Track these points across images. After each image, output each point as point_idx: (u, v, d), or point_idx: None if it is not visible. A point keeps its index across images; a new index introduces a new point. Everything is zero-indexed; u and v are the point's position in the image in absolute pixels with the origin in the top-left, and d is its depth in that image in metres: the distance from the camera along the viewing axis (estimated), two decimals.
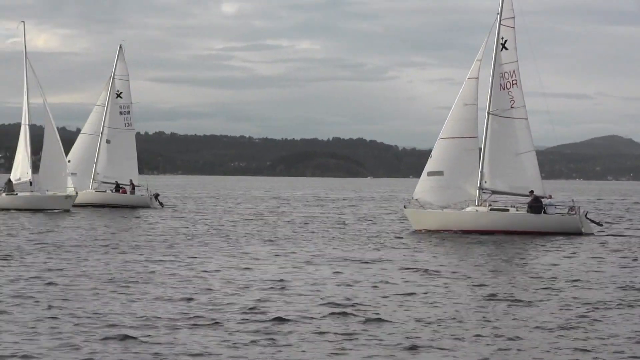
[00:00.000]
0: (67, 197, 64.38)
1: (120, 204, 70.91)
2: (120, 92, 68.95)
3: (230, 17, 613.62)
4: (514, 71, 51.17)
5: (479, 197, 50.47)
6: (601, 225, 51.94)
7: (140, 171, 66.81)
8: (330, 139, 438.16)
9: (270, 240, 43.56)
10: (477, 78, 51.46)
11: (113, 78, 69.71)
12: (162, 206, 73.12)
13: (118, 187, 71.95)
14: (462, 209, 50.68)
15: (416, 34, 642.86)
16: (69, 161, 70.74)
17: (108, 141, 70.26)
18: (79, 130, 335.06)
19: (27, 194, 66.35)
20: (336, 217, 65.51)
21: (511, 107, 51.06)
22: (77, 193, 64.92)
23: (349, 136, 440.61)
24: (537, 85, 57.45)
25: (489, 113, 51.06)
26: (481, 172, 50.60)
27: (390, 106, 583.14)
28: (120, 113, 69.27)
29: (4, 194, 66.46)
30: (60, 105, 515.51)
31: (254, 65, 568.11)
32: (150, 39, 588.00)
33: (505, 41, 51.34)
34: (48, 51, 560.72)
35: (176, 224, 54.69)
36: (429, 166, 51.66)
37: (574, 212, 49.53)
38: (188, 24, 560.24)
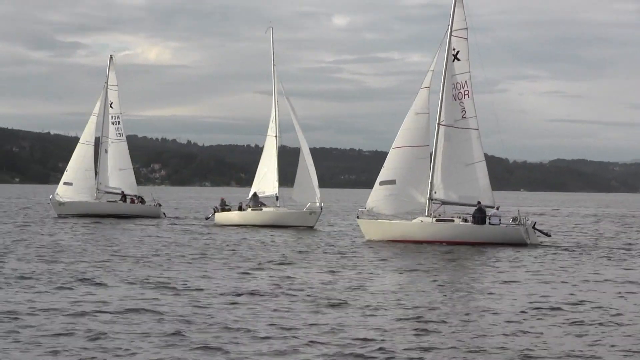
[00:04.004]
0: (312, 213, 62.11)
1: (131, 214, 72.11)
2: (112, 102, 70.44)
3: (341, 29, 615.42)
4: (465, 82, 51.24)
5: (428, 207, 50.70)
6: (549, 235, 51.58)
7: (251, 183, 67.21)
8: None
9: None
10: (428, 88, 51.69)
11: (106, 88, 71.29)
12: (165, 216, 74.51)
13: (125, 197, 73.26)
14: (413, 219, 51.14)
15: (527, 47, 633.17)
16: (66, 171, 72.16)
17: (106, 151, 71.77)
18: (189, 142, 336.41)
19: (272, 209, 64.30)
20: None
21: (462, 117, 51.14)
22: (322, 208, 62.48)
23: None
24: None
25: (439, 124, 51.15)
26: (431, 182, 50.82)
27: (501, 119, 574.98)
28: (112, 123, 70.85)
29: (249, 209, 64.80)
30: (171, 117, 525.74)
31: (364, 78, 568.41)
32: (262, 52, 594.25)
33: (458, 52, 51.39)
34: (160, 64, 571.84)
35: None
36: (382, 175, 52.30)
37: (518, 223, 49.36)
38: (299, 37, 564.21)
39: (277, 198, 64.87)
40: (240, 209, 65.10)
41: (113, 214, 71.26)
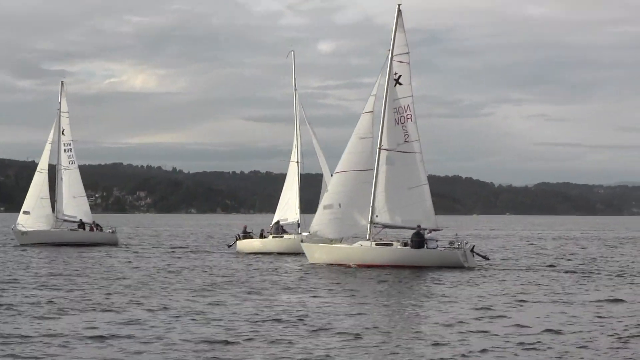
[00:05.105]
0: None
1: (91, 242, 71.77)
2: (63, 130, 70.63)
3: (327, 55, 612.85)
4: (408, 106, 51.34)
5: (369, 231, 50.80)
6: (487, 259, 51.79)
7: (237, 210, 65.88)
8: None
9: None
10: (372, 112, 51.92)
11: (59, 115, 71.46)
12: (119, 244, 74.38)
13: (83, 225, 73.34)
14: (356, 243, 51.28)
15: (514, 70, 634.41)
16: (26, 199, 71.62)
17: (61, 178, 71.91)
18: (174, 169, 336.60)
19: (293, 236, 62.12)
20: None
21: (405, 141, 51.25)
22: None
23: (445, 173, 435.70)
24: None
25: (380, 148, 51.27)
26: (373, 206, 50.86)
27: (486, 143, 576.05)
28: (64, 150, 71.12)
29: (271, 237, 63.45)
30: (156, 144, 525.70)
31: (349, 104, 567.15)
32: (247, 77, 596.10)
33: (400, 76, 51.45)
34: (146, 91, 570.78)
35: None
36: (325, 200, 52.57)
37: (456, 247, 49.61)
38: (285, 63, 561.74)
39: (298, 225, 63.89)
40: (262, 236, 64.09)
41: (74, 242, 71.24)
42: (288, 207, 64.84)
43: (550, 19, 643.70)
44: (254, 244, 63.99)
